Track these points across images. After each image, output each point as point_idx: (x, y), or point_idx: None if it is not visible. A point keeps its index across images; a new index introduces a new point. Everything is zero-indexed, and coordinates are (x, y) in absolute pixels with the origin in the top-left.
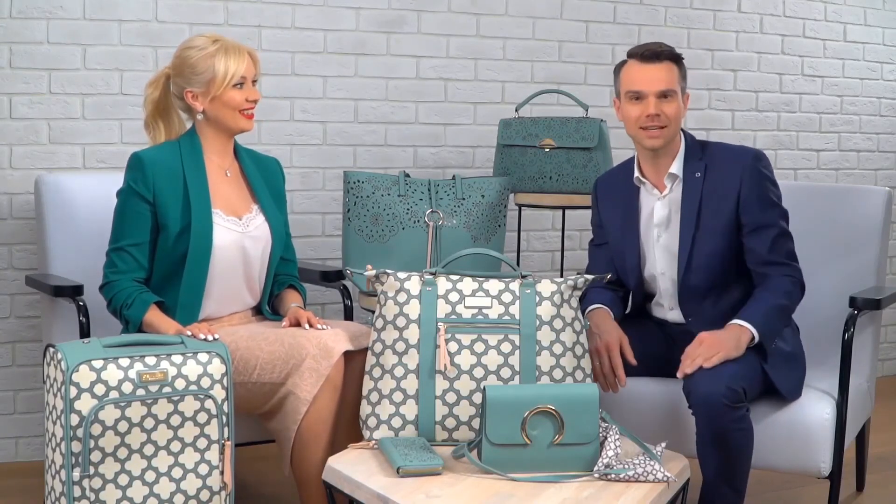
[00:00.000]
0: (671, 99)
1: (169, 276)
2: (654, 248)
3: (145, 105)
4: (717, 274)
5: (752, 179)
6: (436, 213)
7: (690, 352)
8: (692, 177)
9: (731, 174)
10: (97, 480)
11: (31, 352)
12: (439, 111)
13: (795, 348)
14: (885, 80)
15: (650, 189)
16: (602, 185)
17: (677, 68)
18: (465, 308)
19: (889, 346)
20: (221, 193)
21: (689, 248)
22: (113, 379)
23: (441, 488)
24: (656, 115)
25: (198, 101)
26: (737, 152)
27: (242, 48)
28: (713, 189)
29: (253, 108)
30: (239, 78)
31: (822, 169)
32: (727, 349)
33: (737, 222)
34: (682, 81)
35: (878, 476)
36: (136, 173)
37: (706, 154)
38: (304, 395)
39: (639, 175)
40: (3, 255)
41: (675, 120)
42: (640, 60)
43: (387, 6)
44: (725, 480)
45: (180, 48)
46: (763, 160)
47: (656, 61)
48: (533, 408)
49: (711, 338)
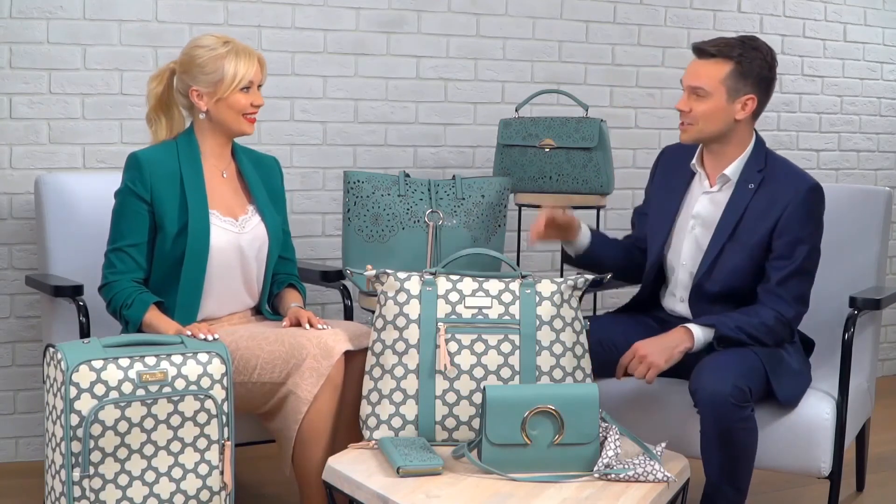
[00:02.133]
0: (703, 97)
1: (167, 277)
2: (686, 237)
3: (148, 99)
4: (734, 287)
5: (796, 210)
6: (436, 213)
7: (623, 362)
8: (744, 186)
9: (781, 198)
10: (97, 480)
11: (31, 352)
12: (439, 111)
13: (802, 367)
14: (885, 80)
15: (702, 179)
16: (667, 153)
17: (728, 67)
18: (465, 308)
19: (889, 346)
20: (218, 194)
21: (715, 254)
22: (113, 379)
23: (441, 488)
24: (682, 110)
25: (202, 100)
26: (795, 178)
27: (253, 52)
28: (760, 205)
29: (256, 113)
30: (247, 82)
31: (822, 169)
32: (657, 364)
33: (768, 245)
34: (732, 82)
35: (878, 476)
36: (134, 174)
37: (768, 167)
38: (305, 394)
39: (696, 162)
40: (3, 255)
41: (704, 119)
42: (694, 53)
43: (387, 6)
44: (729, 480)
45: (190, 45)
46: (815, 195)
47: (703, 57)
48: (533, 408)
49: (644, 349)
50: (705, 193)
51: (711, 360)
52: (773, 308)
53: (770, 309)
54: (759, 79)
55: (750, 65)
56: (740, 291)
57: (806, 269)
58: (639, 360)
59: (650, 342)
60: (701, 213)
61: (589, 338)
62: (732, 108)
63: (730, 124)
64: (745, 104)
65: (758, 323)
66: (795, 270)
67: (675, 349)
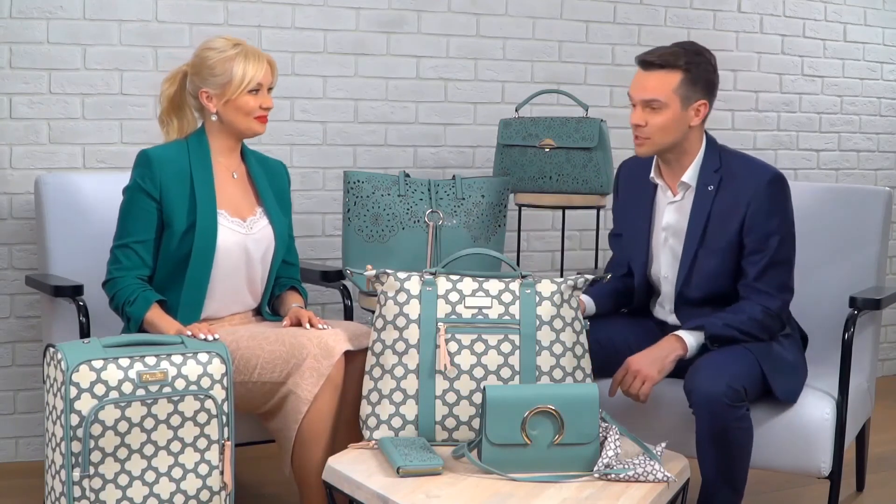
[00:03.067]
0: (658, 109)
1: (172, 275)
2: (661, 250)
3: (160, 100)
4: (715, 290)
5: (760, 205)
6: (436, 213)
7: (617, 377)
8: (704, 189)
9: (742, 194)
10: (97, 480)
11: (31, 352)
12: (439, 111)
13: (797, 359)
14: (885, 80)
15: (664, 190)
16: (625, 170)
17: (679, 77)
18: (465, 308)
19: (889, 346)
20: (227, 194)
21: (690, 262)
22: (113, 379)
23: (441, 488)
24: (638, 125)
25: (212, 102)
26: (753, 171)
27: (262, 55)
28: (723, 206)
29: (266, 114)
30: (255, 84)
31: (822, 169)
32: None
33: (739, 243)
34: (684, 90)
35: (878, 476)
36: (144, 170)
37: (724, 166)
38: (305, 394)
39: (654, 175)
40: (3, 255)
41: (661, 131)
42: (639, 65)
43: (387, 6)
44: (725, 480)
45: (201, 48)
46: (776, 185)
47: (650, 69)
48: (533, 408)
49: (636, 364)
50: (670, 203)
51: (706, 360)
52: (757, 303)
53: (755, 304)
54: (707, 83)
55: (697, 70)
56: (723, 294)
57: (782, 259)
58: (632, 376)
59: (641, 356)
60: (671, 224)
61: (589, 338)
62: (686, 116)
63: (685, 132)
64: (698, 110)
65: (746, 318)
66: (771, 262)
67: (667, 359)
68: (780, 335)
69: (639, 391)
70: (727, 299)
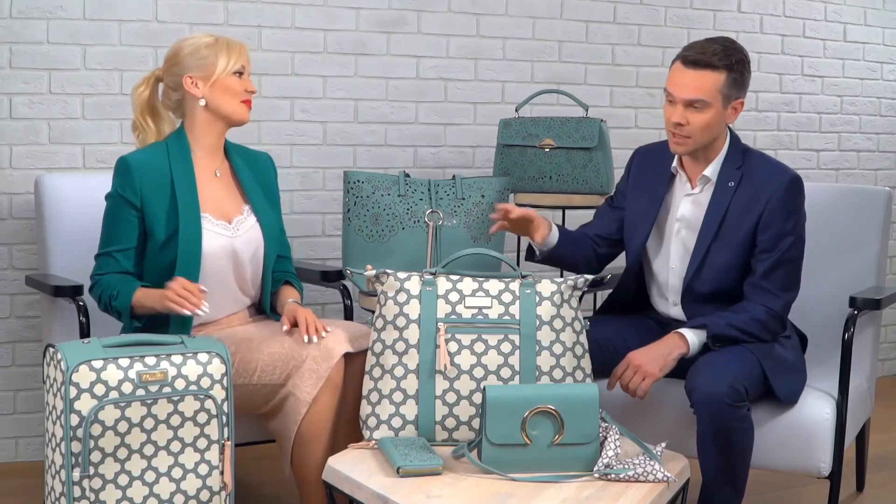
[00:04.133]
0: (701, 109)
1: (160, 284)
2: (672, 241)
3: (134, 106)
4: (723, 285)
5: (777, 205)
6: (436, 213)
7: (617, 372)
8: (725, 185)
9: (762, 192)
10: (97, 481)
11: (31, 352)
12: (439, 111)
13: (797, 358)
14: (885, 80)
15: (683, 181)
16: (641, 155)
17: (724, 77)
18: (465, 308)
19: (889, 346)
20: (211, 196)
21: (702, 255)
22: (113, 379)
23: (441, 488)
24: (679, 123)
25: (198, 87)
26: (774, 172)
27: (238, 41)
28: (741, 203)
29: (251, 98)
30: (239, 66)
31: (822, 169)
32: (652, 373)
33: (753, 240)
34: (727, 90)
35: (878, 476)
36: (124, 178)
37: (745, 164)
38: (305, 396)
39: (676, 165)
40: (3, 255)
41: (703, 131)
42: (682, 63)
43: (387, 6)
44: (725, 479)
45: (174, 45)
46: (795, 187)
47: (694, 68)
48: (533, 408)
49: (638, 359)
50: (687, 196)
51: (707, 359)
52: (760, 303)
53: (758, 304)
54: (745, 82)
55: (739, 69)
56: (731, 289)
57: (791, 258)
58: (633, 371)
59: (643, 351)
60: (685, 216)
61: (589, 338)
62: (726, 115)
63: (723, 130)
64: (735, 108)
65: (748, 318)
66: (779, 261)
67: (669, 356)
68: (781, 336)
69: (638, 387)
70: (733, 295)
